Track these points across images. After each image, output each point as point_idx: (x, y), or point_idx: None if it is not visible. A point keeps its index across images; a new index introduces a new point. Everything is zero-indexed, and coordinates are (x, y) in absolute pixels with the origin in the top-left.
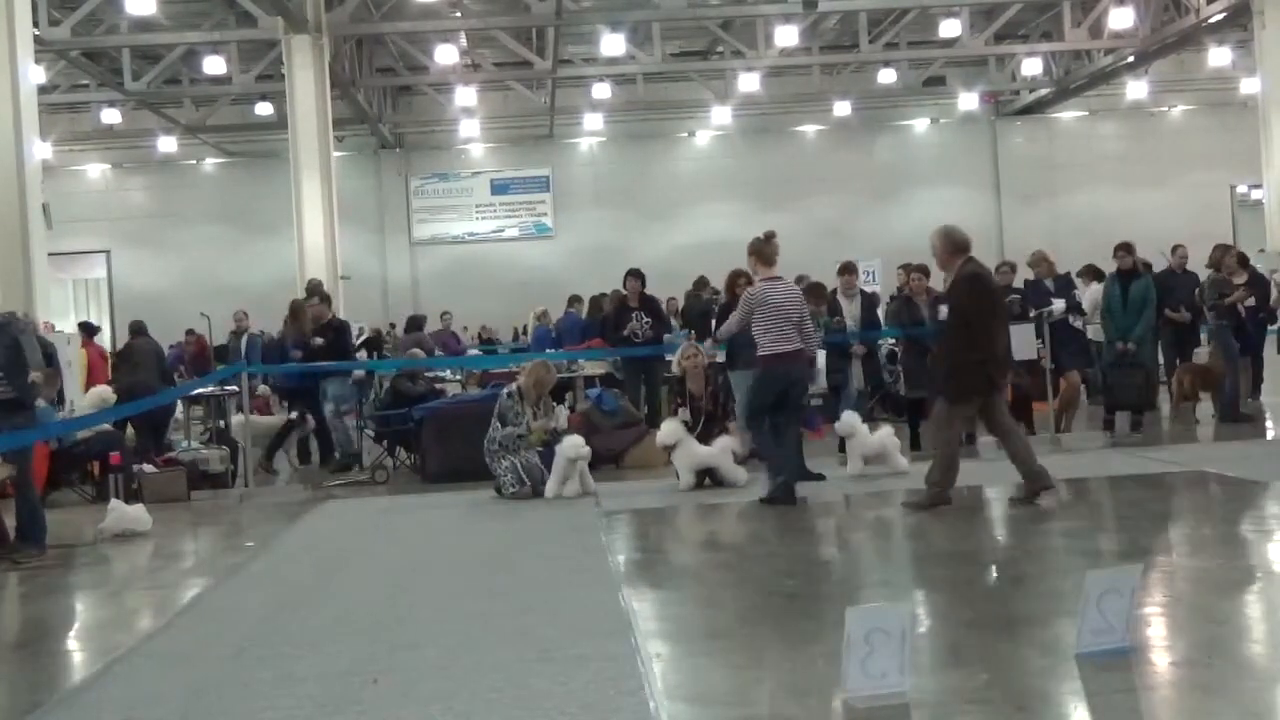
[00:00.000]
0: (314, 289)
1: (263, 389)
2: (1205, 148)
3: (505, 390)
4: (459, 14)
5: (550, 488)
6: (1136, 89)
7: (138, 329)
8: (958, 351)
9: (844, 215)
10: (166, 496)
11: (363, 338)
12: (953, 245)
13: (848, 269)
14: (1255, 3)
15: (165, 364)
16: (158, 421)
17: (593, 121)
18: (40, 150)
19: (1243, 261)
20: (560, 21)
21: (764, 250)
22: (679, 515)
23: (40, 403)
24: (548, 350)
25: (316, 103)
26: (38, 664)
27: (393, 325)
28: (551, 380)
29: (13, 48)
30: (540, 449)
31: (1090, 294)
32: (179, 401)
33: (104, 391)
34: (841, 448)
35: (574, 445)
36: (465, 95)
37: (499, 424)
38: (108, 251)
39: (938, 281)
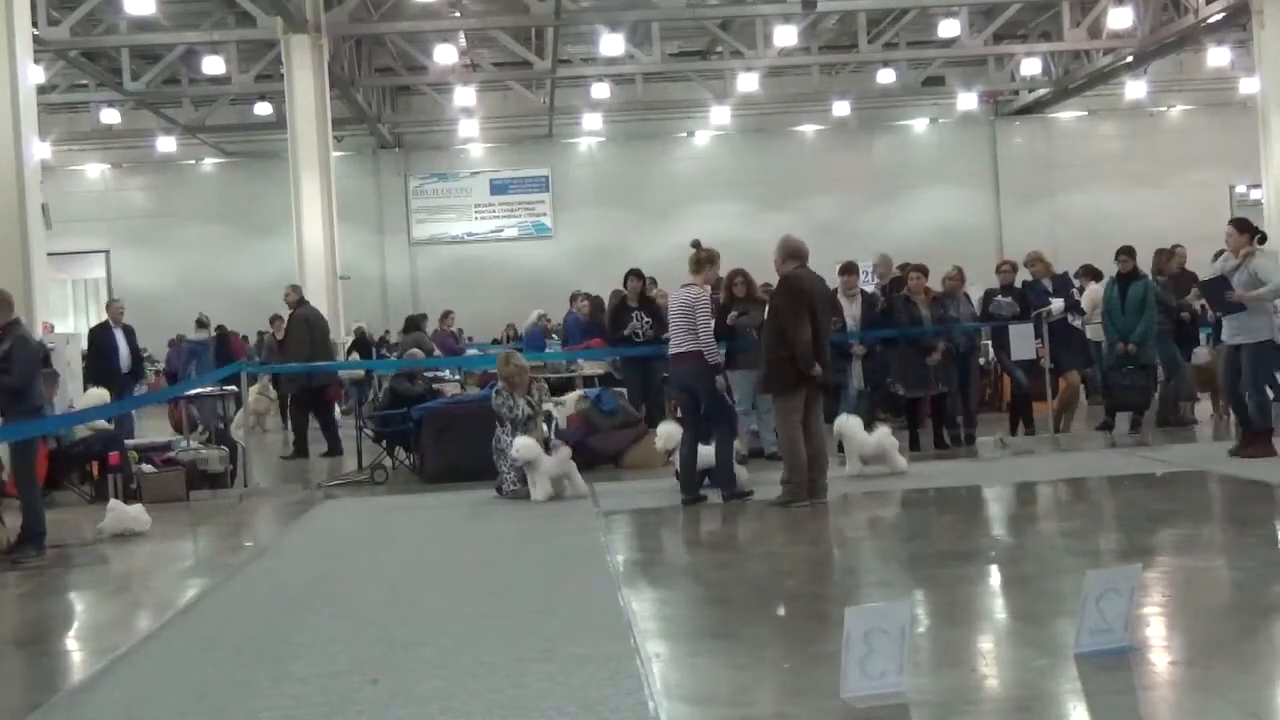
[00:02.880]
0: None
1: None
2: (1204, 148)
3: (493, 389)
4: (458, 14)
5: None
6: (1135, 89)
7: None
8: (771, 349)
9: (843, 215)
10: (165, 496)
11: (350, 339)
12: (784, 253)
13: (849, 269)
14: (1254, 3)
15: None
16: None
17: (592, 121)
18: (39, 150)
19: None
20: (559, 21)
21: (690, 259)
22: (679, 515)
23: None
24: (547, 350)
25: (315, 102)
26: (38, 664)
27: (386, 332)
28: (518, 369)
29: (12, 47)
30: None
31: (1089, 293)
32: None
33: (102, 393)
34: (840, 448)
35: (525, 446)
36: (464, 95)
37: (499, 425)
38: (107, 251)
39: (935, 282)
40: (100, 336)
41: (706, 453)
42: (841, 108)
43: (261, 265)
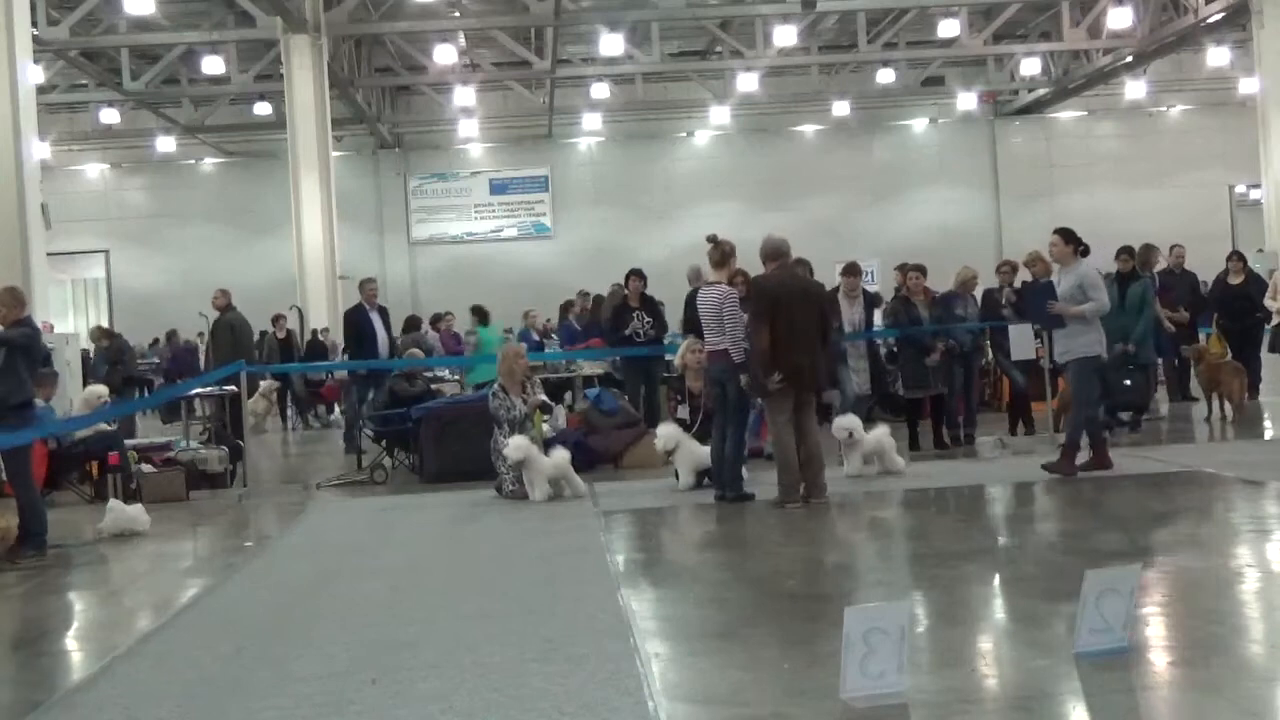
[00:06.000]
0: None
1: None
2: (1204, 148)
3: (490, 391)
4: (458, 14)
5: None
6: (1135, 89)
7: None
8: (750, 352)
9: (843, 215)
10: (165, 496)
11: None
12: (762, 256)
13: (851, 270)
14: (1254, 3)
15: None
16: None
17: (591, 121)
18: (39, 150)
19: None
20: (559, 21)
21: (710, 255)
22: (678, 515)
23: (39, 403)
24: (547, 351)
25: (315, 102)
26: (38, 664)
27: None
28: (520, 363)
29: (11, 47)
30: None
31: None
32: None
33: (99, 390)
34: (840, 447)
35: (518, 446)
36: (464, 95)
37: (496, 426)
38: (107, 251)
39: (935, 282)
40: (356, 318)
41: (707, 452)
42: (841, 108)
43: (261, 265)
